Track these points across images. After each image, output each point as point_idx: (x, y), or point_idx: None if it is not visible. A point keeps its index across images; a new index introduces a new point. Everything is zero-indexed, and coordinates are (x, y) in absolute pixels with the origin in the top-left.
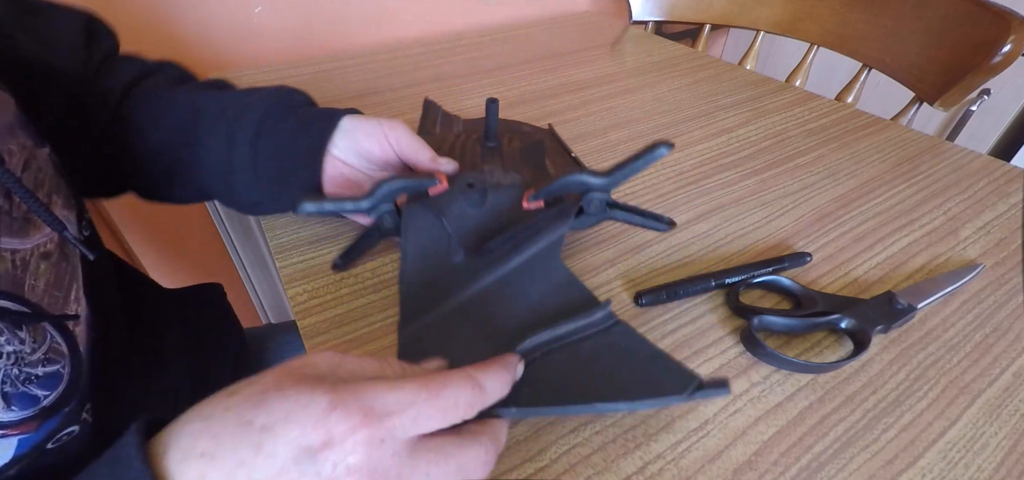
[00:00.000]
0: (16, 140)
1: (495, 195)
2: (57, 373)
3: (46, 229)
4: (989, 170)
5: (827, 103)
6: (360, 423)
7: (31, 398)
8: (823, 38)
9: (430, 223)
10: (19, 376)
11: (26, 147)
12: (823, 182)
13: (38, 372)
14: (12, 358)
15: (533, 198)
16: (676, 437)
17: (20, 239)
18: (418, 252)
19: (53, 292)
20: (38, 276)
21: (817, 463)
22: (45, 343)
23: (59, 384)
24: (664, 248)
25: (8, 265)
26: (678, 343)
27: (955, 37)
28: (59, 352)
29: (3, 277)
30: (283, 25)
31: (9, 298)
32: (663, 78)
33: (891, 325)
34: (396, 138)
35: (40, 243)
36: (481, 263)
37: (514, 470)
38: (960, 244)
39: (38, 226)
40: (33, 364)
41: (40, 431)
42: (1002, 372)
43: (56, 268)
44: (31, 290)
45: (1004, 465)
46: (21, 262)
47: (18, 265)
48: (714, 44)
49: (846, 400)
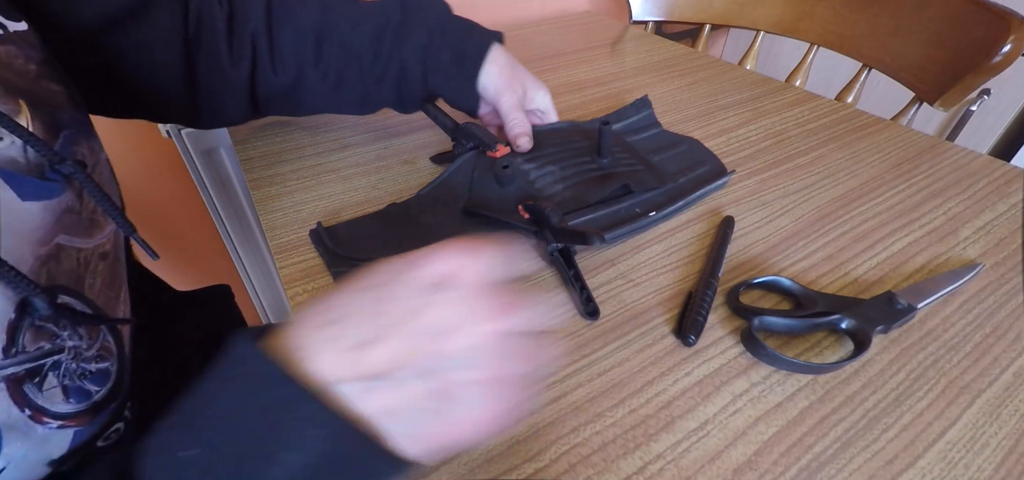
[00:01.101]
0: (87, 144)
1: (513, 186)
2: (107, 370)
3: (107, 230)
4: (989, 170)
5: (827, 103)
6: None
7: (85, 393)
8: (823, 38)
9: (466, 174)
10: (76, 370)
11: (94, 151)
12: (823, 182)
13: (92, 368)
14: (72, 353)
15: (525, 207)
16: (676, 437)
17: (84, 239)
18: (445, 184)
19: (107, 292)
20: (96, 276)
21: (817, 463)
22: (98, 341)
23: (108, 381)
24: (664, 248)
25: (74, 262)
26: (678, 343)
27: (955, 37)
28: (109, 350)
29: (69, 274)
30: None
31: (72, 295)
32: (663, 78)
33: (891, 325)
34: (503, 105)
35: (100, 243)
36: (468, 222)
37: (514, 470)
38: (960, 244)
39: (100, 227)
40: (88, 360)
41: (92, 425)
42: (1002, 372)
43: (111, 268)
44: (90, 289)
45: (1004, 465)
46: (84, 261)
47: (82, 263)
48: (714, 44)
49: (846, 400)
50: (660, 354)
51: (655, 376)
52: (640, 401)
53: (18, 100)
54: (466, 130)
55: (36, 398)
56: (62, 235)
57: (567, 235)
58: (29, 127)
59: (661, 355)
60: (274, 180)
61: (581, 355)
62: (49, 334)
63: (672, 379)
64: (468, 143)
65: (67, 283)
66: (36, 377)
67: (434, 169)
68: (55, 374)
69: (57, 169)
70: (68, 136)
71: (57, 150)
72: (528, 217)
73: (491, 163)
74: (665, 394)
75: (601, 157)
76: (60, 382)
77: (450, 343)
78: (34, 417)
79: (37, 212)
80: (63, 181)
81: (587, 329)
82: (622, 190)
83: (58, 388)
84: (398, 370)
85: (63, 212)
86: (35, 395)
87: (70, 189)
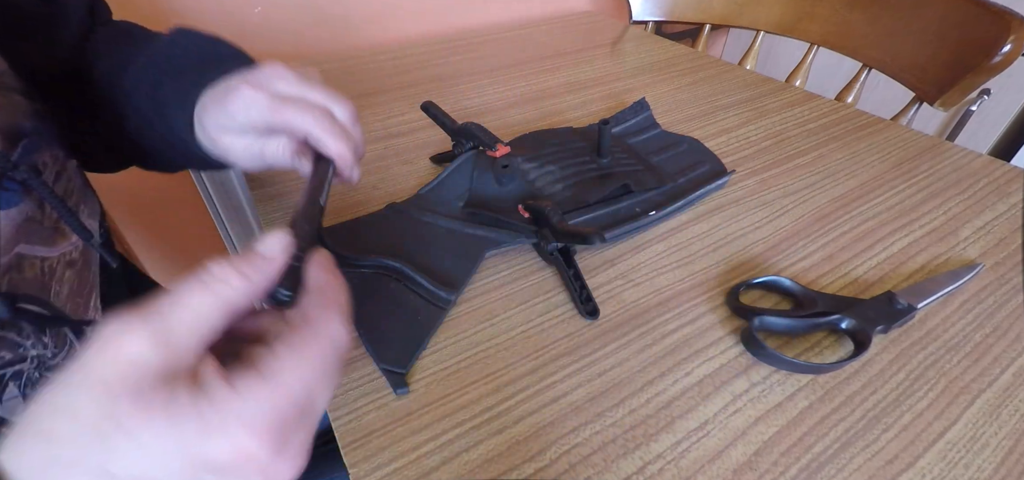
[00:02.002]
0: (50, 152)
1: (514, 185)
2: None
3: (72, 238)
4: (989, 170)
5: (827, 103)
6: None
7: None
8: (823, 38)
9: (466, 172)
10: (40, 380)
11: (58, 158)
12: (823, 182)
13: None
14: (35, 362)
15: (525, 207)
16: (676, 437)
17: (48, 247)
18: (445, 182)
19: (75, 299)
20: (63, 283)
21: (817, 463)
22: (65, 349)
23: None
24: (664, 248)
25: (37, 271)
26: (678, 343)
27: (955, 37)
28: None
29: (32, 282)
30: (283, 25)
31: (36, 302)
32: (663, 78)
33: (891, 325)
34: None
35: (66, 251)
36: (467, 221)
37: (514, 470)
38: (960, 244)
39: (65, 235)
40: (54, 369)
41: None
42: (1002, 372)
43: (79, 275)
44: (56, 296)
45: (1004, 465)
46: (49, 269)
47: (46, 272)
48: (714, 44)
49: (846, 400)
50: (660, 354)
51: (655, 376)
52: (640, 401)
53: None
54: (466, 130)
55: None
56: (23, 244)
57: (567, 235)
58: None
59: (661, 355)
60: (274, 180)
61: (581, 355)
62: (10, 344)
63: (672, 379)
64: (468, 143)
65: (31, 291)
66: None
67: (434, 169)
68: (17, 383)
69: (12, 177)
70: (29, 144)
71: (13, 159)
72: (528, 216)
73: (491, 162)
74: (665, 394)
75: (601, 157)
76: (21, 392)
77: None
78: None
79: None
80: (20, 190)
81: (587, 329)
82: (622, 190)
83: (19, 398)
84: None
85: (24, 221)
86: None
87: (29, 198)
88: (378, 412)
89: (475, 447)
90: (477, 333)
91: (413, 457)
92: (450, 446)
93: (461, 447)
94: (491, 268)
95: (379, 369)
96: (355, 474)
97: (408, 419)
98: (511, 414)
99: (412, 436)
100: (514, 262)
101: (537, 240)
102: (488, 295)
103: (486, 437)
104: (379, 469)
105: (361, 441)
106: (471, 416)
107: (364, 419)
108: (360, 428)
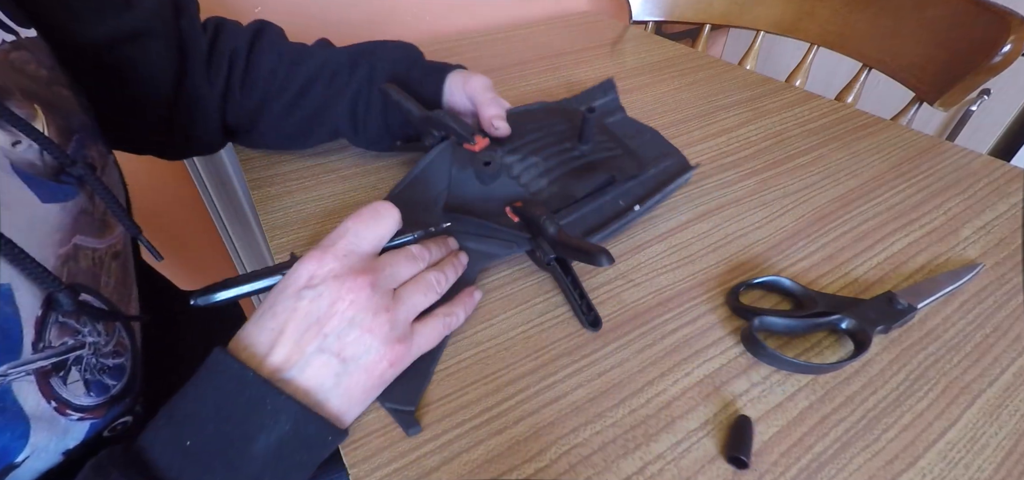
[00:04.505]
0: (96, 147)
1: (499, 185)
2: (123, 365)
3: (116, 231)
4: (989, 170)
5: (827, 103)
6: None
7: (104, 387)
8: (823, 38)
9: (443, 169)
10: (96, 365)
11: (102, 153)
12: (823, 182)
13: (109, 363)
14: (92, 348)
15: (514, 211)
16: (676, 437)
17: (98, 239)
18: (418, 180)
19: (120, 290)
20: (110, 274)
21: (817, 463)
22: (114, 337)
23: (124, 375)
24: (664, 248)
25: (90, 262)
26: (678, 343)
27: (955, 37)
28: (124, 346)
29: (86, 273)
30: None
31: (90, 293)
32: (663, 78)
33: (891, 325)
34: (471, 88)
35: (112, 243)
36: (454, 226)
37: (514, 470)
38: (960, 244)
39: (111, 228)
40: (106, 355)
41: (107, 417)
42: (1002, 372)
43: (123, 267)
44: (105, 287)
45: (1004, 465)
46: (98, 260)
47: (96, 262)
48: (714, 44)
49: (846, 400)
50: (660, 354)
51: (655, 376)
52: (640, 401)
53: (34, 105)
54: (437, 119)
55: (61, 391)
56: (78, 236)
57: (569, 249)
58: (45, 131)
59: (661, 355)
60: (274, 180)
61: (581, 355)
62: (72, 330)
63: (672, 379)
64: (439, 133)
65: (85, 281)
66: (61, 371)
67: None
68: (78, 368)
69: (70, 172)
70: (79, 139)
71: (70, 153)
72: (517, 221)
73: (470, 158)
74: (665, 394)
75: (582, 143)
76: (82, 376)
77: (326, 326)
78: (59, 409)
79: (55, 213)
80: (76, 183)
81: (587, 329)
82: (607, 180)
83: (80, 382)
84: (300, 357)
85: (79, 213)
86: (60, 388)
87: (82, 191)
88: (378, 412)
89: (475, 447)
90: (477, 334)
91: (413, 457)
92: (450, 446)
93: (461, 447)
94: (490, 269)
95: (386, 409)
96: (355, 474)
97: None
98: (511, 414)
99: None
100: (513, 262)
101: (532, 248)
102: (488, 296)
103: (486, 437)
104: (379, 469)
105: (361, 441)
106: (471, 416)
107: (364, 419)
108: (360, 428)
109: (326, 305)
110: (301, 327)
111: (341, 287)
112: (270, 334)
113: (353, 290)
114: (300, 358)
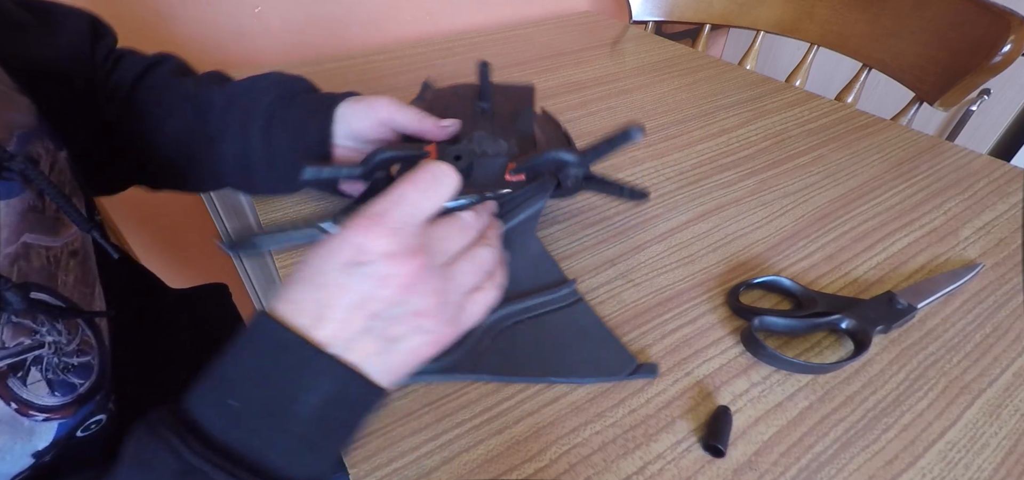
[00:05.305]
0: (42, 144)
1: (480, 168)
2: (89, 364)
3: (73, 229)
4: (989, 170)
5: (827, 103)
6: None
7: (69, 386)
8: (823, 38)
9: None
10: (59, 364)
11: (49, 151)
12: (823, 182)
13: (74, 362)
14: (53, 347)
15: (515, 171)
16: (676, 437)
17: (52, 237)
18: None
19: (81, 288)
20: (68, 272)
21: (817, 463)
22: (77, 336)
23: (91, 374)
24: (664, 248)
25: (43, 261)
26: (678, 343)
27: (955, 37)
28: (89, 344)
29: (40, 272)
30: (283, 25)
31: (45, 291)
32: (663, 78)
33: (891, 325)
34: (385, 114)
35: (68, 241)
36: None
37: (514, 470)
38: (960, 244)
39: (66, 225)
40: (69, 354)
41: (75, 417)
42: (1002, 372)
43: (82, 265)
44: (63, 285)
45: (1004, 465)
46: (54, 259)
47: (52, 261)
48: (714, 44)
49: (846, 400)
50: (660, 354)
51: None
52: (640, 401)
53: None
54: (377, 160)
55: (21, 392)
56: (28, 234)
57: (596, 153)
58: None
59: (661, 355)
60: None
61: None
62: (28, 330)
63: (672, 379)
64: (381, 176)
65: (39, 280)
66: (19, 371)
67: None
68: (38, 368)
69: (10, 166)
70: (22, 136)
71: (10, 150)
72: (524, 178)
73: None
74: (665, 394)
75: (481, 101)
76: (44, 376)
77: (375, 307)
78: (20, 411)
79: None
80: (19, 179)
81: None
82: (565, 139)
83: (42, 382)
84: (346, 335)
85: (26, 211)
86: (20, 389)
87: (29, 189)
88: (377, 412)
89: (475, 447)
90: None
91: (413, 457)
92: (450, 446)
93: (461, 447)
94: None
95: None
96: (355, 474)
97: (408, 419)
98: (511, 414)
99: (412, 436)
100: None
101: (558, 190)
102: None
103: (486, 437)
104: (379, 469)
105: (360, 441)
106: (471, 416)
107: None
108: None
109: (375, 285)
110: (348, 306)
111: (392, 266)
112: (315, 306)
113: (405, 272)
114: (346, 336)
